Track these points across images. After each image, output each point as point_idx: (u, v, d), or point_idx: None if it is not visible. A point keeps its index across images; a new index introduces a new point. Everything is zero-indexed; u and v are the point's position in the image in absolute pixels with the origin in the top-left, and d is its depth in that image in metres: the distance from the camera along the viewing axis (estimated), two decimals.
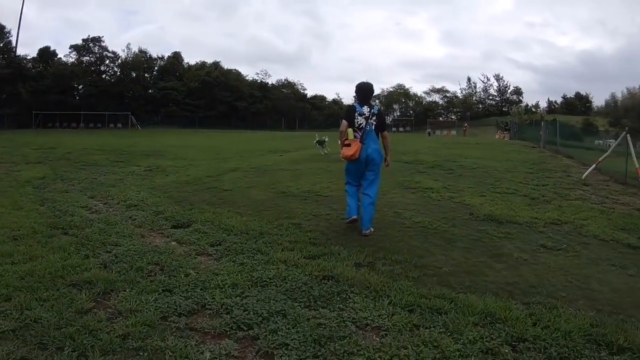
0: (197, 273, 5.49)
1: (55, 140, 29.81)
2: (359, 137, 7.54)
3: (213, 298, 4.76)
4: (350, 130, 7.55)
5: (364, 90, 7.88)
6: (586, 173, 15.16)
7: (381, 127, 7.87)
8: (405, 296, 4.91)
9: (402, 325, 4.31)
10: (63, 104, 72.45)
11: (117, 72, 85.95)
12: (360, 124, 7.57)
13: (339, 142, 8.10)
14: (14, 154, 19.81)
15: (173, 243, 6.89)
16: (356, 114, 7.60)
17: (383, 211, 8.95)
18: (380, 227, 7.86)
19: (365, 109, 7.65)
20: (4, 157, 18.45)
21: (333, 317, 4.45)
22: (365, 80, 7.96)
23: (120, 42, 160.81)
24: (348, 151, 7.46)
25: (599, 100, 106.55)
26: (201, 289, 5.00)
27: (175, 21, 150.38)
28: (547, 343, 4.07)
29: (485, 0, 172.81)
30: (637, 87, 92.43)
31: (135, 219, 8.38)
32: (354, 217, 7.64)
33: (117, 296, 4.77)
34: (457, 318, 4.46)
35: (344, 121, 7.67)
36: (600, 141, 52.22)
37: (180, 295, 4.82)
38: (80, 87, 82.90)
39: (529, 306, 4.92)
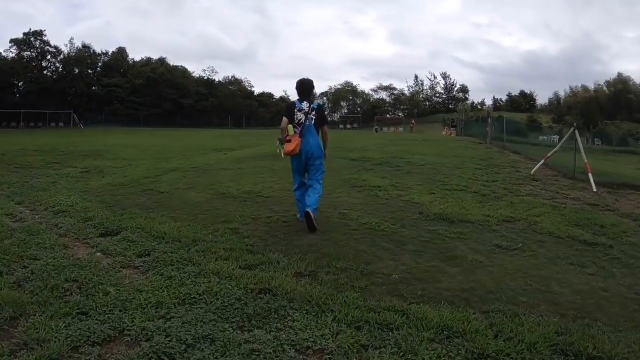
0: (118, 290, 4.85)
1: None
2: (298, 132, 7.63)
3: (133, 321, 4.15)
4: (290, 126, 7.63)
5: (303, 86, 7.90)
6: (535, 168, 15.20)
7: (320, 121, 7.92)
8: (352, 311, 4.43)
9: (349, 346, 3.82)
10: (2, 102, 69.36)
11: (59, 68, 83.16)
12: (300, 119, 7.69)
13: (280, 138, 8.36)
14: None
15: (98, 254, 6.23)
16: (296, 109, 7.73)
17: (327, 212, 8.48)
18: (324, 230, 7.38)
19: (305, 105, 7.76)
20: None
21: (269, 340, 3.91)
22: (305, 77, 8.02)
23: (64, 37, 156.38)
24: (288, 147, 7.54)
25: (542, 99, 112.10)
26: (120, 310, 4.39)
27: (121, 16, 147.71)
28: (512, 358, 3.73)
29: (433, 0, 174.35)
30: (579, 86, 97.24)
31: (61, 227, 7.64)
32: (302, 219, 7.63)
33: (26, 322, 4.12)
34: (411, 334, 4.03)
35: (284, 118, 7.79)
36: (545, 137, 53.76)
37: (96, 319, 4.19)
38: (21, 83, 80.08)
39: (488, 315, 4.56)
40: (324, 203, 8.31)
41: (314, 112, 7.77)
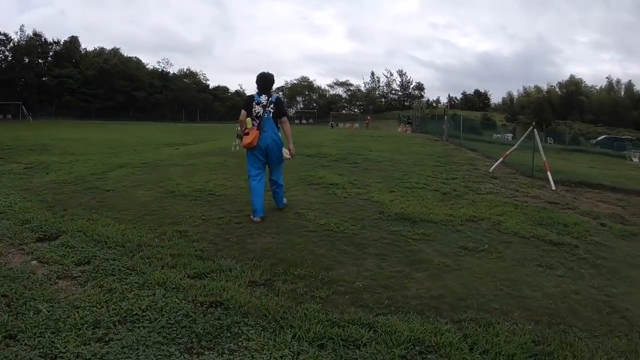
0: (52, 308, 4.30)
1: None
2: (256, 125, 7.75)
3: (65, 346, 3.62)
4: (248, 119, 7.76)
5: (264, 80, 8.02)
6: (494, 166, 15.15)
7: (279, 113, 7.98)
8: (313, 326, 4.04)
9: None
10: None
11: (8, 56, 79.12)
12: (258, 112, 7.79)
13: (236, 131, 8.74)
14: None
15: (33, 262, 5.66)
16: (254, 103, 7.82)
17: (283, 212, 8.10)
18: (279, 232, 6.98)
19: (263, 98, 7.86)
20: None
21: None
22: (266, 71, 8.12)
23: (14, 25, 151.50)
24: (246, 139, 7.66)
25: (496, 98, 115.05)
26: (53, 332, 3.84)
27: (76, 4, 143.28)
28: None
29: None
30: (533, 86, 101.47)
31: None
32: (262, 217, 7.71)
33: None
34: (380, 352, 3.71)
35: (242, 111, 7.92)
36: (499, 135, 54.62)
37: (25, 344, 3.66)
38: None
39: (461, 325, 4.30)
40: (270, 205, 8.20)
41: (272, 105, 7.85)
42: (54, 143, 22.40)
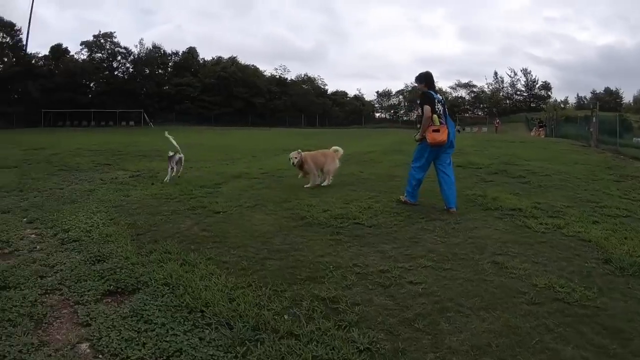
0: None
1: (52, 139, 27.43)
2: (444, 122, 7.72)
3: None
4: (435, 116, 7.65)
5: (431, 78, 8.08)
6: None
7: (446, 111, 7.96)
8: None
9: None
10: (73, 102, 69.57)
11: (129, 68, 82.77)
12: (439, 110, 7.74)
13: (422, 129, 7.88)
14: None
15: (83, 347, 3.50)
16: (436, 101, 7.76)
17: (473, 259, 5.55)
18: (487, 306, 4.32)
19: (439, 96, 7.95)
20: None
21: None
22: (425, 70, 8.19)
23: (135, 40, 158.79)
24: (439, 136, 7.60)
25: (626, 96, 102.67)
26: None
27: (191, 20, 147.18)
28: None
29: None
30: None
31: (55, 274, 5.04)
32: (414, 203, 8.11)
33: None
34: None
35: (428, 107, 7.72)
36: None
37: None
38: (92, 84, 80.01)
39: None
40: (460, 243, 6.13)
41: (442, 104, 7.90)
42: (167, 148, 20.92)
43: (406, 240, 6.19)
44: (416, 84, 8.38)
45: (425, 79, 7.96)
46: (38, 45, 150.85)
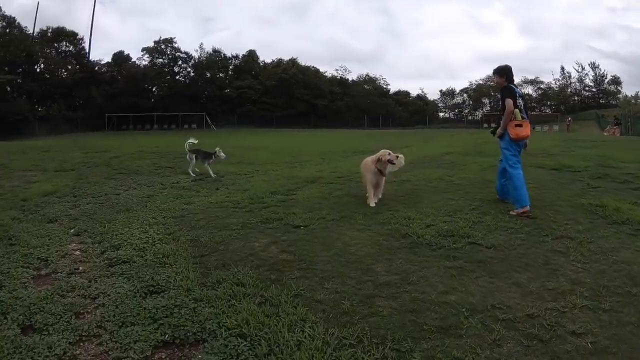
0: None
1: (114, 142, 26.43)
2: (526, 118, 7.52)
3: None
4: (517, 110, 7.36)
5: (511, 71, 7.76)
6: None
7: (526, 107, 7.73)
8: None
9: None
10: (136, 107, 70.48)
11: (190, 72, 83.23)
12: (520, 105, 7.46)
13: (503, 124, 7.52)
14: (56, 159, 16.36)
15: None
16: (517, 95, 7.49)
17: (634, 296, 4.29)
18: None
19: (519, 90, 7.69)
20: (39, 164, 14.93)
21: None
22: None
23: (195, 45, 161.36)
24: (523, 131, 7.37)
25: None
26: None
27: (250, 26, 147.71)
28: None
29: None
30: None
31: (95, 309, 4.00)
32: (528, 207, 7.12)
33: None
34: None
35: (510, 100, 7.35)
36: None
37: None
38: (154, 88, 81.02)
39: None
40: (606, 271, 4.87)
41: (522, 98, 7.68)
42: (232, 151, 19.78)
43: (540, 267, 4.89)
44: (495, 78, 8.03)
45: (506, 72, 7.69)
46: (101, 54, 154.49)
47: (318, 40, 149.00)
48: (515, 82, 7.81)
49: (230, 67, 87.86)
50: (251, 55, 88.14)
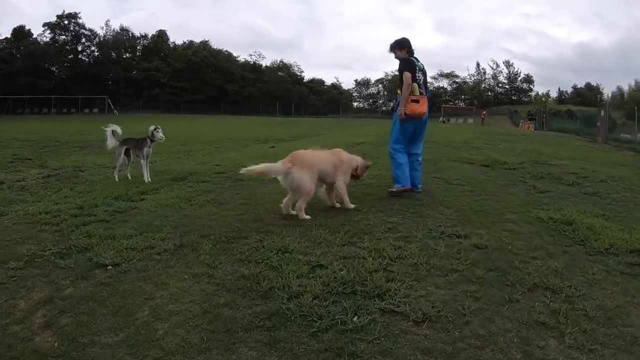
0: None
1: None
2: (425, 93, 6.89)
3: None
4: (415, 85, 6.75)
5: (410, 44, 7.06)
6: None
7: (426, 82, 7.05)
8: None
9: None
10: (34, 88, 64.54)
11: (94, 52, 77.83)
12: (419, 79, 6.83)
13: (402, 99, 6.74)
14: None
15: None
16: (417, 68, 6.83)
17: None
18: None
19: (420, 64, 6.96)
20: None
21: None
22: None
23: (102, 23, 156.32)
24: (418, 107, 6.77)
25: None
26: None
27: (165, 6, 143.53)
28: None
29: None
30: None
31: None
32: (410, 187, 6.84)
33: None
34: None
35: (408, 74, 6.68)
36: (627, 135, 46.15)
37: None
38: (54, 68, 74.90)
39: None
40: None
41: (422, 73, 6.96)
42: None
43: None
44: (395, 52, 7.08)
45: (406, 44, 6.99)
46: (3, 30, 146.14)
47: (234, 25, 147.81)
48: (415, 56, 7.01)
49: (138, 47, 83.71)
50: (161, 35, 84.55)
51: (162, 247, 4.40)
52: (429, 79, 7.21)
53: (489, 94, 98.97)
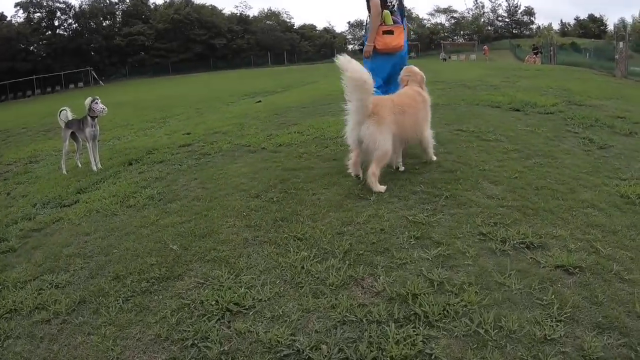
0: None
1: None
2: (399, 21, 5.58)
3: None
4: (387, 12, 5.46)
5: None
6: None
7: (402, 7, 5.77)
8: None
9: None
10: (14, 72, 60.57)
11: (72, 24, 73.86)
12: (393, 4, 5.58)
13: (371, 32, 5.51)
14: None
15: None
16: None
17: None
18: None
19: None
20: None
21: None
22: None
23: None
24: (392, 40, 5.48)
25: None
26: None
27: None
28: None
29: None
30: None
31: None
32: None
33: None
34: None
35: (375, 1, 5.39)
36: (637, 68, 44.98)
37: None
38: (32, 48, 70.66)
39: None
40: None
41: None
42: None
43: None
44: None
45: None
46: None
47: None
48: None
49: (118, 13, 79.71)
50: None
51: (52, 310, 2.76)
52: (425, 15, 5.73)
53: (489, 28, 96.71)
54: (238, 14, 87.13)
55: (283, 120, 8.59)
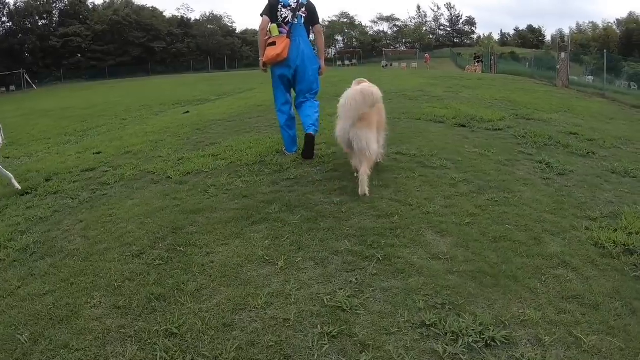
0: None
1: None
2: (285, 32, 5.65)
3: None
4: (274, 25, 5.66)
5: None
6: None
7: (313, 20, 5.88)
8: None
9: None
10: None
11: (6, 23, 70.70)
12: (286, 17, 5.70)
13: (261, 46, 5.84)
14: None
15: None
16: (280, 5, 5.72)
17: None
18: None
19: (292, 0, 5.73)
20: None
21: None
22: None
23: None
24: (273, 50, 5.59)
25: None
26: None
27: None
28: None
29: None
30: (587, 22, 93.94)
31: None
32: (295, 151, 6.00)
33: None
34: None
35: (263, 17, 5.76)
36: (575, 77, 46.97)
37: None
38: None
39: None
40: None
41: (303, 9, 5.77)
42: (12, 122, 15.80)
43: None
44: None
45: None
46: None
47: None
48: None
49: (54, 12, 76.56)
50: None
51: None
52: (367, 22, 5.31)
53: (431, 37, 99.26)
54: (179, 17, 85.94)
55: (203, 137, 7.89)
